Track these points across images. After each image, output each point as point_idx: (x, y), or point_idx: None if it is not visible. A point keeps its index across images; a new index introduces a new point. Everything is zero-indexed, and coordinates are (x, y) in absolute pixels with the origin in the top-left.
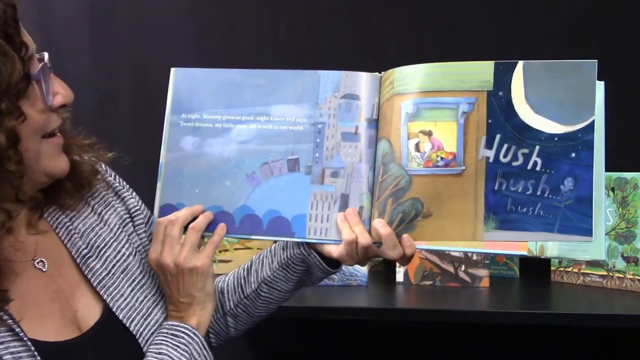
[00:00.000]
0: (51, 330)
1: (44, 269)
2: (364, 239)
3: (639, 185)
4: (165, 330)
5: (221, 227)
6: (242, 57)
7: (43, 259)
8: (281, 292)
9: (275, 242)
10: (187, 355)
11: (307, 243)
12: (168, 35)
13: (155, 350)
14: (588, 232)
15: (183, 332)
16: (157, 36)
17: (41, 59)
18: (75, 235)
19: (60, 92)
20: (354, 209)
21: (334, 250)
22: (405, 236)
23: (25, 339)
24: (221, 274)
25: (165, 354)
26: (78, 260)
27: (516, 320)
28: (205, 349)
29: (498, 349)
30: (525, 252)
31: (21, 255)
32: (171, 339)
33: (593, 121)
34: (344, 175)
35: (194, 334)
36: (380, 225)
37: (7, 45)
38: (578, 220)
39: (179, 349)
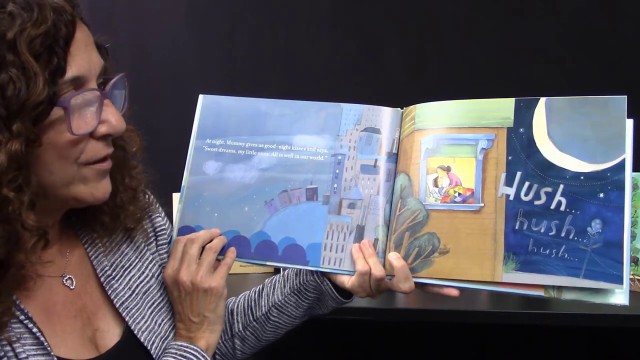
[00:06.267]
0: (71, 348)
1: (71, 287)
2: (378, 271)
3: (639, 185)
4: (173, 351)
5: (232, 251)
6: (242, 57)
7: (71, 276)
8: (290, 317)
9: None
10: None
11: (321, 272)
12: (168, 36)
13: None
14: (618, 279)
15: (192, 354)
16: (156, 37)
17: (102, 85)
18: (102, 253)
19: (107, 121)
20: (369, 240)
21: (347, 281)
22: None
23: (52, 354)
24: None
25: None
26: (102, 279)
27: (516, 320)
28: None
29: (498, 349)
30: (542, 293)
31: (51, 270)
32: None
33: (624, 160)
34: (360, 206)
35: (203, 356)
36: (394, 258)
37: (36, 64)
38: (607, 266)
39: None
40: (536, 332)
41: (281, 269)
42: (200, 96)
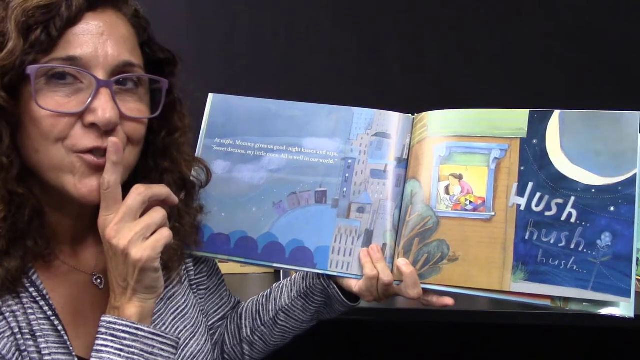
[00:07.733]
0: (90, 350)
1: (100, 287)
2: (386, 276)
3: None
4: (104, 330)
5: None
6: (242, 57)
7: (101, 276)
8: (298, 321)
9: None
10: (137, 358)
11: (328, 275)
12: (167, 35)
13: None
14: (626, 292)
15: (123, 331)
16: (156, 36)
17: (106, 76)
18: None
19: (94, 110)
20: (377, 245)
21: (354, 285)
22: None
23: (73, 353)
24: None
25: None
26: None
27: (516, 320)
28: (158, 336)
29: (498, 349)
30: (548, 303)
31: (82, 266)
32: (111, 341)
33: (635, 174)
34: (370, 211)
35: (136, 328)
36: (403, 264)
37: (16, 29)
38: (615, 279)
39: (122, 353)
40: (536, 332)
41: (286, 271)
42: (210, 95)
